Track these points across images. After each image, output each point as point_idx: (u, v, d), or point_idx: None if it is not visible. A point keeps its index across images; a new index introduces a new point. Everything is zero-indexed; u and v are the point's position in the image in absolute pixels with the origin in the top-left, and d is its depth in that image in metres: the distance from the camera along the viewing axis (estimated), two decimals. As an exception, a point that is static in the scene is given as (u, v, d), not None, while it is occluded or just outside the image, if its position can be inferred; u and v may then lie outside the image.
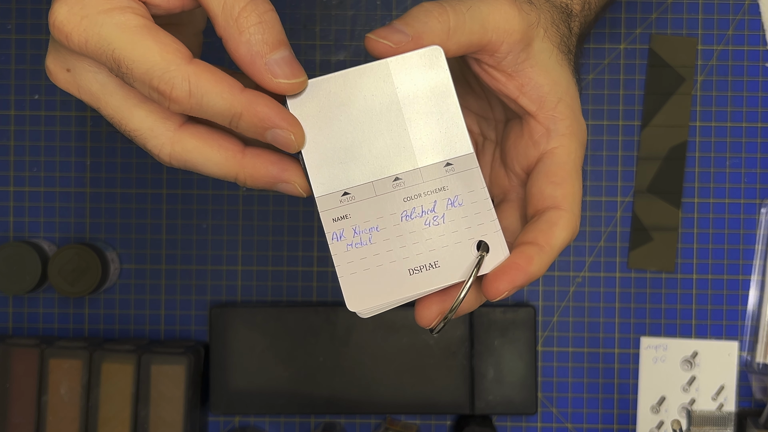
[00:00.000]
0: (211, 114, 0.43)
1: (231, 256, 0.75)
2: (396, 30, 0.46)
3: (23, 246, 0.71)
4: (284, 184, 0.46)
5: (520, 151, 0.50)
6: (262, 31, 0.43)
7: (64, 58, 0.45)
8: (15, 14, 0.75)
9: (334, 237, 0.45)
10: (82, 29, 0.42)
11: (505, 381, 0.73)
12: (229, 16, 0.43)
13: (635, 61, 0.75)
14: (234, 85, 0.43)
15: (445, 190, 0.46)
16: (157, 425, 0.70)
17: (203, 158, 0.45)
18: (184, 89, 0.42)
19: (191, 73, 0.42)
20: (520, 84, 0.49)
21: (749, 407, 0.75)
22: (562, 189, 0.48)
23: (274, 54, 0.43)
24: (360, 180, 0.46)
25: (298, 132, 0.44)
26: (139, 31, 0.42)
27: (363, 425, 0.75)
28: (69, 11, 0.42)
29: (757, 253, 0.74)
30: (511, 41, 0.48)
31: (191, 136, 0.45)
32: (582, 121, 0.50)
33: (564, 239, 0.47)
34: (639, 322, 0.75)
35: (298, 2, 0.75)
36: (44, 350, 0.70)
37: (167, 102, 0.42)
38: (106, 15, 0.42)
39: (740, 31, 0.75)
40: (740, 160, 0.75)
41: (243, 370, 0.72)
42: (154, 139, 0.45)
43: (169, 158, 0.45)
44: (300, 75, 0.44)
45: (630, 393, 0.75)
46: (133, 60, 0.42)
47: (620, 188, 0.75)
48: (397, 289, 0.46)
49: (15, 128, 0.75)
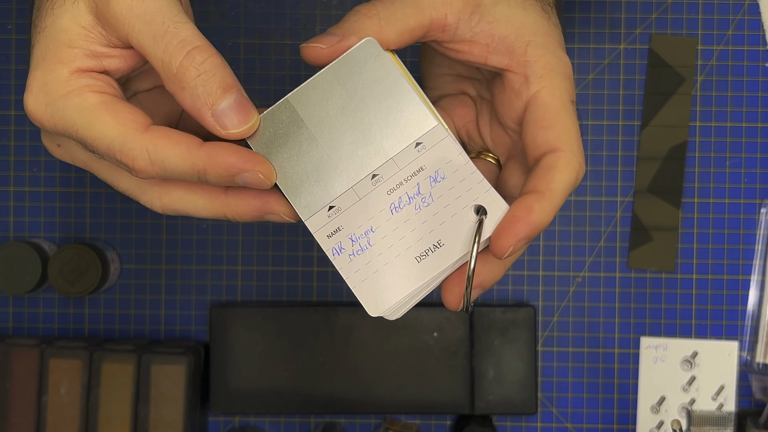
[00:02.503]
0: (176, 175, 0.44)
1: (231, 256, 0.75)
2: (327, 34, 0.46)
3: (23, 246, 0.71)
4: (270, 215, 0.47)
5: (507, 106, 0.49)
6: (204, 83, 0.43)
7: (52, 137, 0.48)
8: (15, 14, 0.75)
9: (334, 252, 0.45)
10: (49, 116, 0.45)
11: (505, 381, 0.73)
12: (169, 72, 0.44)
13: (635, 61, 0.75)
14: (192, 144, 0.44)
15: (423, 170, 0.46)
16: (157, 425, 0.70)
17: (191, 205, 0.47)
18: (145, 158, 0.44)
19: (147, 141, 0.44)
20: (484, 45, 0.48)
21: (749, 407, 0.75)
22: (554, 131, 0.46)
23: (221, 104, 0.44)
24: (340, 190, 0.46)
25: (264, 169, 0.45)
26: (95, 109, 0.44)
27: (363, 425, 0.75)
28: (35, 100, 0.45)
29: (757, 253, 0.74)
30: (453, 11, 0.47)
31: (175, 187, 0.47)
32: (561, 54, 0.48)
33: (566, 180, 0.46)
34: (639, 322, 0.75)
35: (298, 2, 0.75)
36: (44, 350, 0.70)
37: (133, 172, 0.44)
38: (65, 99, 0.44)
39: (740, 31, 0.75)
40: (740, 160, 0.75)
41: (243, 370, 0.72)
42: (143, 195, 0.47)
43: (162, 210, 0.48)
44: (249, 119, 0.44)
45: (630, 393, 0.75)
46: (94, 138, 0.44)
47: (620, 188, 0.75)
48: (411, 280, 0.45)
49: (15, 128, 0.75)
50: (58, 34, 0.45)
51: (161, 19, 0.44)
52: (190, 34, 0.44)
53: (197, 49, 0.44)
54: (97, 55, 0.45)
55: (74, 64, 0.45)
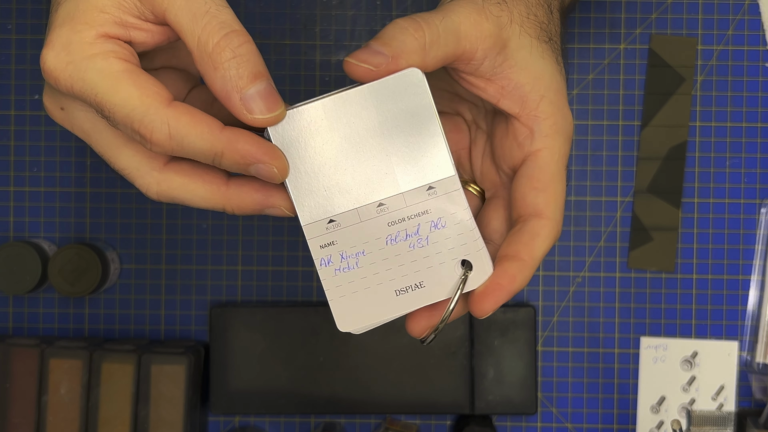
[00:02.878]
0: (192, 154, 0.44)
1: (231, 256, 0.75)
2: (374, 52, 0.46)
3: (23, 246, 0.71)
4: (270, 209, 0.47)
5: (506, 151, 0.50)
6: (237, 66, 0.43)
7: (57, 98, 0.47)
8: (15, 14, 0.75)
9: (323, 263, 0.46)
10: (68, 74, 0.44)
11: (505, 381, 0.73)
12: (204, 51, 0.43)
13: (635, 61, 0.75)
14: (213, 125, 0.44)
15: (428, 214, 0.47)
16: (157, 425, 0.70)
17: (189, 194, 0.46)
18: (164, 132, 0.43)
19: (170, 116, 0.43)
20: (500, 87, 0.48)
21: (749, 407, 0.75)
22: (545, 195, 0.48)
23: (250, 89, 0.43)
24: (345, 207, 0.46)
25: (280, 164, 0.45)
26: (120, 76, 0.43)
27: (363, 425, 0.75)
28: (56, 57, 0.44)
29: (757, 253, 0.74)
30: (484, 47, 0.47)
31: (175, 174, 0.46)
32: (567, 113, 0.49)
33: (546, 249, 0.48)
34: (639, 322, 0.75)
35: (298, 2, 0.75)
36: (44, 350, 0.70)
37: (149, 144, 0.43)
38: (90, 60, 0.44)
39: (740, 31, 0.75)
40: (740, 160, 0.75)
41: (243, 370, 0.72)
42: (140, 178, 0.46)
43: (157, 196, 0.47)
44: (276, 108, 0.44)
45: (630, 393, 0.75)
46: (114, 104, 0.43)
47: (620, 188, 0.75)
48: (384, 309, 0.47)
49: (15, 128, 0.75)
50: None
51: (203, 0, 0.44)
52: (230, 18, 0.44)
53: (235, 32, 0.44)
54: (127, 25, 0.45)
55: (102, 29, 0.44)
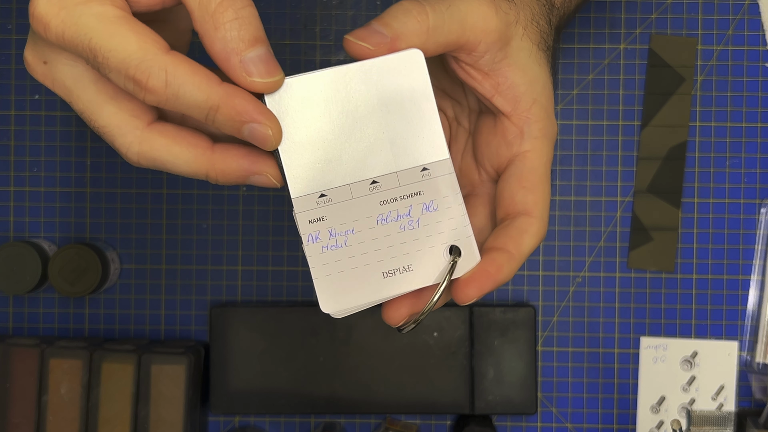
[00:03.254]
0: (187, 106, 0.42)
1: (231, 256, 0.75)
2: (374, 31, 0.45)
3: (23, 246, 0.71)
4: (257, 177, 0.45)
5: (492, 150, 0.50)
6: (238, 28, 0.42)
7: (41, 50, 0.45)
8: (15, 14, 0.75)
9: (310, 239, 0.45)
10: (60, 20, 0.42)
11: (505, 381, 0.73)
12: (205, 11, 0.42)
13: (635, 61, 0.75)
14: (212, 78, 0.42)
15: (420, 195, 0.46)
16: (157, 425, 0.70)
17: (172, 156, 0.45)
18: (161, 79, 0.42)
19: (168, 63, 0.42)
20: (496, 83, 0.48)
21: (749, 407, 0.75)
22: (533, 195, 0.48)
23: (250, 52, 0.42)
24: (338, 182, 0.45)
25: (275, 127, 0.44)
26: (117, 21, 0.42)
27: (363, 425, 0.75)
28: (48, 2, 0.42)
29: (757, 253, 0.74)
30: (488, 41, 0.47)
31: (159, 135, 0.45)
32: (554, 120, 0.50)
33: (533, 246, 0.48)
34: (639, 322, 0.75)
35: (298, 2, 0.75)
36: (44, 350, 0.70)
37: (143, 92, 0.42)
38: (85, 6, 0.42)
39: (740, 31, 0.75)
40: (740, 160, 0.75)
41: (243, 370, 0.72)
42: (121, 137, 0.45)
43: (137, 157, 0.45)
44: (275, 74, 0.43)
45: (630, 393, 0.75)
46: (110, 49, 0.42)
47: (620, 188, 0.75)
48: (370, 292, 0.46)
49: (15, 128, 0.75)
50: None
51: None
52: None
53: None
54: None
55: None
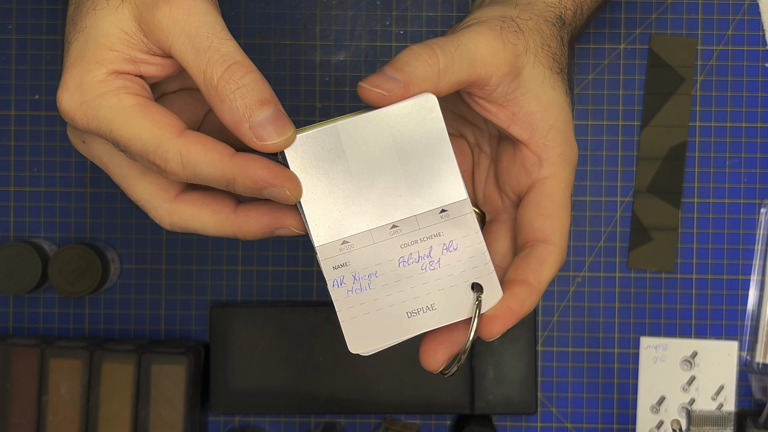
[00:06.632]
0: (206, 181, 0.45)
1: (231, 256, 0.75)
2: (388, 77, 0.46)
3: (23, 246, 0.71)
4: (280, 230, 0.48)
5: (512, 177, 0.51)
6: (242, 96, 0.44)
7: (77, 133, 0.49)
8: (15, 14, 0.75)
9: (335, 284, 0.47)
10: (83, 113, 0.46)
11: (505, 381, 0.73)
12: (210, 86, 0.45)
13: (635, 61, 0.75)
14: (224, 152, 0.45)
15: (440, 236, 0.47)
16: (157, 425, 0.70)
17: (200, 224, 0.48)
18: (177, 162, 0.45)
19: (182, 145, 0.45)
20: (511, 113, 0.49)
21: (749, 407, 0.75)
22: (552, 222, 0.49)
23: (257, 116, 0.44)
24: (358, 228, 0.47)
25: (292, 186, 0.45)
26: (132, 110, 0.45)
27: (363, 425, 0.75)
28: (70, 98, 0.46)
29: (757, 253, 0.74)
30: (499, 74, 0.48)
31: (186, 205, 0.48)
32: (573, 144, 0.51)
33: (552, 274, 0.49)
34: (639, 322, 0.75)
35: (298, 2, 0.75)
36: (44, 350, 0.70)
37: (165, 173, 0.45)
38: (102, 99, 0.45)
39: (740, 31, 0.75)
40: (740, 160, 0.75)
41: (243, 370, 0.72)
42: (153, 210, 0.49)
43: (170, 226, 0.49)
44: (285, 131, 0.45)
45: (630, 393, 0.75)
46: (129, 138, 0.45)
47: (620, 188, 0.75)
48: (396, 331, 0.48)
49: (15, 128, 0.75)
50: (98, 36, 0.46)
51: (205, 34, 0.45)
52: (232, 50, 0.45)
53: (237, 64, 0.45)
54: (136, 60, 0.46)
55: (112, 66, 0.46)
